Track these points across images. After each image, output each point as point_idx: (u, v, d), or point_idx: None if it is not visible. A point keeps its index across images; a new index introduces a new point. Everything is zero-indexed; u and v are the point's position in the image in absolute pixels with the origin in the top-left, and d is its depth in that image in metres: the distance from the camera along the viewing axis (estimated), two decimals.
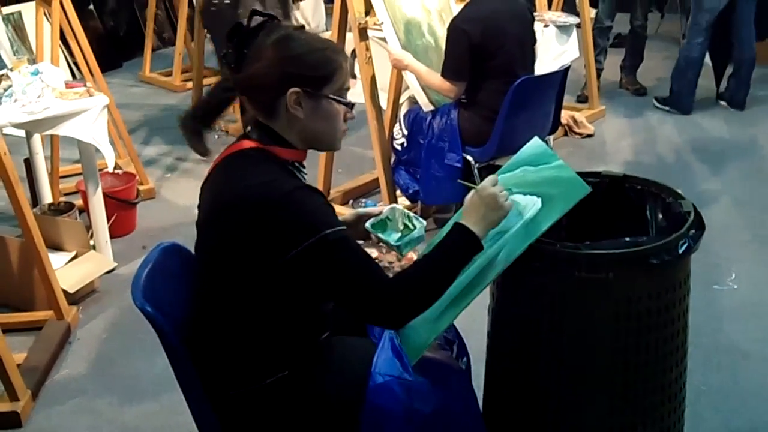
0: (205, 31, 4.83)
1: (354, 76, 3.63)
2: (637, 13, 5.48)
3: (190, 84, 5.75)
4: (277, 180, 1.59)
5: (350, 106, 1.70)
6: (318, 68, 1.64)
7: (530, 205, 1.82)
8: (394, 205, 1.96)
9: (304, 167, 1.74)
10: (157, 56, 6.78)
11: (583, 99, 5.29)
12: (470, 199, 1.73)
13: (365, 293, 1.57)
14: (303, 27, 1.72)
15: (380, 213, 1.90)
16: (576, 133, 4.81)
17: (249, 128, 1.71)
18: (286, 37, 1.64)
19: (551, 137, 3.73)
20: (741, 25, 4.99)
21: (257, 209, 1.56)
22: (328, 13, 3.82)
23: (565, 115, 4.70)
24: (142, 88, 6.29)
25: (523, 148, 2.02)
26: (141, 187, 4.11)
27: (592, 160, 4.50)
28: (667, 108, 5.20)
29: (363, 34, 3.54)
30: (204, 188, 1.74)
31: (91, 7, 6.83)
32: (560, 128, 4.60)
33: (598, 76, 5.29)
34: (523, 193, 1.84)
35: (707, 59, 5.30)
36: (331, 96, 1.65)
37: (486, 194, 1.71)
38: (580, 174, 1.91)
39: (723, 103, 5.28)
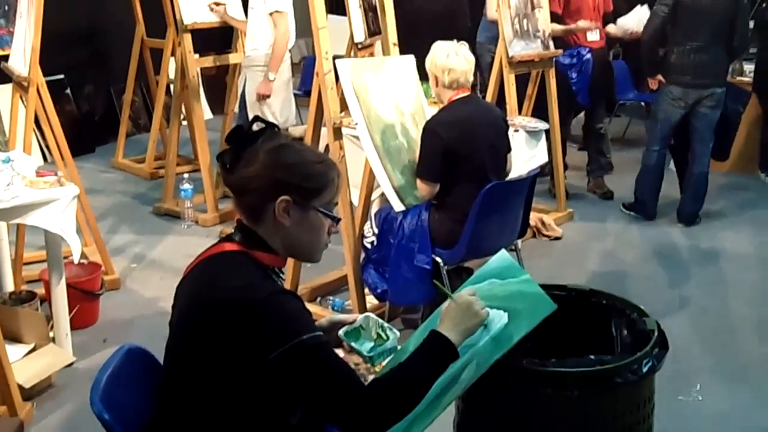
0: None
1: None
2: (597, 114, 5.66)
3: (161, 172, 5.77)
4: (256, 284, 1.60)
5: (336, 221, 1.73)
6: (311, 180, 1.67)
7: (497, 319, 1.84)
8: (368, 313, 1.97)
9: (283, 273, 1.76)
10: (131, 142, 6.83)
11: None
12: (447, 307, 1.76)
13: (341, 399, 1.55)
14: (302, 138, 1.76)
15: (354, 321, 1.91)
16: (544, 236, 4.86)
17: (232, 231, 1.73)
18: (284, 145, 1.68)
19: (519, 241, 3.77)
20: (695, 141, 5.09)
21: (235, 313, 1.55)
22: (304, 106, 3.86)
23: (533, 217, 4.76)
24: (114, 174, 6.29)
25: (491, 261, 2.05)
26: (106, 277, 4.06)
27: (560, 263, 4.55)
28: (632, 213, 5.29)
29: (337, 133, 3.59)
30: (180, 288, 1.72)
31: (68, 91, 6.90)
32: (529, 230, 4.65)
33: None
34: (490, 307, 1.84)
35: (673, 165, 5.45)
36: (320, 209, 1.68)
37: (462, 302, 1.74)
38: (546, 286, 1.94)
39: None
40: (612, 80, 5.87)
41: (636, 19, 5.42)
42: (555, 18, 5.26)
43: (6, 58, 4.44)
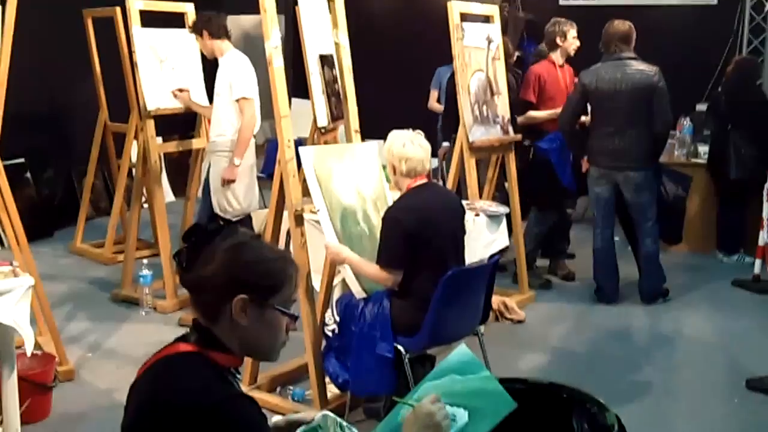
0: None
1: None
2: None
3: (121, 257, 5.70)
4: (211, 388, 1.56)
5: (294, 318, 1.70)
6: (267, 278, 1.65)
7: (457, 417, 1.81)
8: (326, 412, 1.92)
9: (239, 373, 1.72)
10: (92, 226, 6.76)
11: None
12: (407, 418, 1.72)
13: None
14: (259, 236, 1.75)
15: (312, 420, 1.87)
16: (507, 319, 4.86)
17: (187, 331, 1.70)
18: (241, 244, 1.67)
19: (482, 326, 3.76)
20: (634, 224, 5.18)
21: (187, 418, 1.51)
22: (267, 188, 3.87)
23: (496, 300, 4.77)
24: (72, 259, 6.20)
25: (451, 355, 2.03)
26: (60, 368, 3.94)
27: (523, 348, 4.53)
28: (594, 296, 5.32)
29: (299, 219, 3.59)
30: (132, 390, 1.67)
31: (29, 174, 6.84)
32: (491, 313, 4.64)
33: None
34: (450, 404, 1.82)
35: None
36: (277, 307, 1.66)
37: (422, 413, 1.71)
38: (506, 380, 1.93)
39: None
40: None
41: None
42: (530, 106, 5.37)
43: None
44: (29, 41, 5.06)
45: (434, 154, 6.10)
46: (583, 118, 5.31)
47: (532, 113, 5.38)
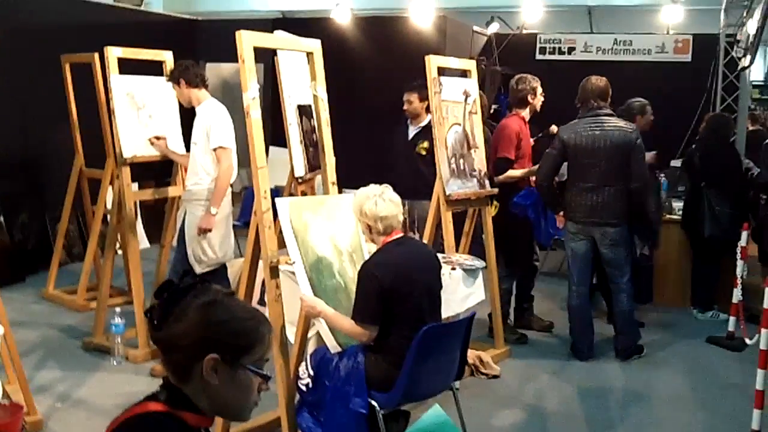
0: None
1: None
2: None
3: (93, 304, 5.62)
4: None
5: (266, 378, 1.68)
6: (239, 337, 1.63)
7: None
8: None
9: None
10: (65, 271, 6.67)
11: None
12: None
13: None
14: (233, 293, 1.73)
15: None
16: (482, 374, 4.83)
17: (157, 389, 1.66)
18: (213, 302, 1.65)
19: (457, 382, 3.73)
20: (611, 278, 5.18)
21: None
22: (243, 236, 3.85)
23: (471, 355, 4.75)
24: (43, 306, 6.10)
25: (425, 416, 2.02)
26: (27, 419, 3.84)
27: (497, 403, 4.50)
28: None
29: (274, 272, 3.57)
30: None
31: (1, 219, 6.76)
32: (467, 368, 4.62)
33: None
34: None
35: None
36: (249, 367, 1.64)
37: None
38: None
39: None
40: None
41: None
42: (509, 164, 5.38)
43: None
44: (6, 85, 5.06)
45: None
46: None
47: (513, 172, 5.33)
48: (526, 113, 5.45)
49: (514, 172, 5.36)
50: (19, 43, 6.12)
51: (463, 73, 5.36)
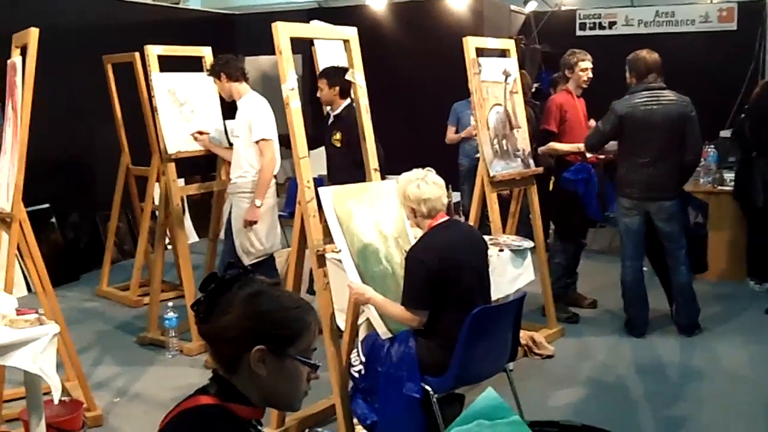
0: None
1: None
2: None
3: (146, 299, 5.71)
4: None
5: (314, 367, 1.67)
6: (285, 327, 1.63)
7: None
8: None
9: (261, 424, 1.69)
10: (117, 268, 6.79)
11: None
12: None
13: None
14: (278, 283, 1.72)
15: None
16: (536, 354, 4.79)
17: (207, 382, 1.67)
18: (258, 293, 1.64)
19: (511, 364, 3.69)
20: (665, 254, 5.10)
21: None
22: (289, 227, 3.86)
23: (524, 336, 4.71)
24: (98, 303, 6.21)
25: (478, 399, 1.99)
26: (88, 414, 3.93)
27: (553, 384, 4.45)
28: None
29: (321, 260, 3.58)
30: None
31: (54, 220, 6.90)
32: (520, 349, 4.59)
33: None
34: None
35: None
36: (296, 356, 1.63)
37: None
38: (537, 423, 1.88)
39: None
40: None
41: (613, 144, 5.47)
42: (551, 137, 5.34)
43: None
44: (51, 87, 5.15)
45: (456, 188, 6.12)
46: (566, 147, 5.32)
47: (554, 144, 5.35)
48: (572, 87, 5.41)
49: (558, 145, 5.32)
50: (63, 44, 6.21)
51: (503, 53, 5.29)
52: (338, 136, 5.05)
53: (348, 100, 4.98)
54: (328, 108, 5.19)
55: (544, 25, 9.10)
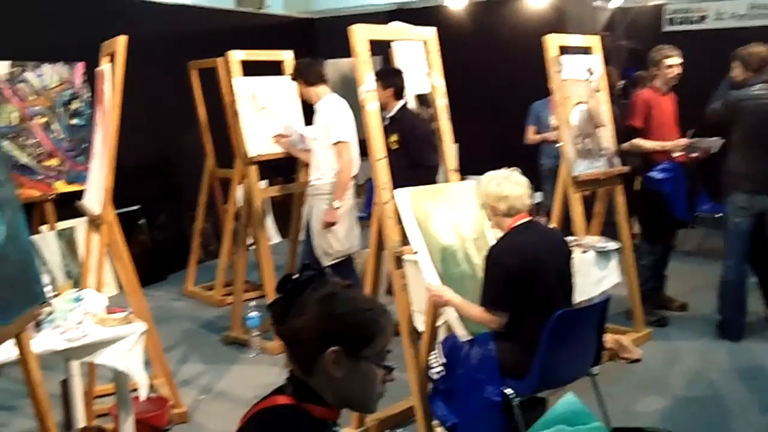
0: None
1: None
2: None
3: (230, 299, 5.83)
4: None
5: (389, 370, 1.66)
6: (360, 329, 1.63)
7: None
8: None
9: (338, 425, 1.70)
10: (202, 268, 6.95)
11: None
12: None
13: None
14: (351, 285, 1.72)
15: None
16: (622, 358, 4.65)
17: (284, 383, 1.68)
18: (332, 294, 1.65)
19: (596, 368, 3.60)
20: None
21: None
22: (368, 227, 3.87)
23: (610, 339, 4.59)
24: (184, 302, 6.38)
25: (558, 404, 1.94)
26: (174, 411, 4.04)
27: (641, 389, 4.31)
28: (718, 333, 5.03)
29: (398, 262, 3.57)
30: None
31: (143, 221, 7.12)
32: (606, 353, 4.48)
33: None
34: None
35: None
36: (371, 358, 1.63)
37: None
38: (623, 429, 1.81)
39: None
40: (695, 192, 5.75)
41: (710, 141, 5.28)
42: (636, 133, 5.20)
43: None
44: (139, 93, 5.30)
45: (538, 188, 6.01)
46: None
47: (639, 141, 5.18)
48: (658, 85, 5.24)
49: (643, 142, 5.15)
50: (149, 51, 6.39)
51: (586, 50, 5.17)
52: (394, 137, 4.97)
53: (402, 102, 5.00)
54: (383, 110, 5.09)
55: (629, 21, 8.85)
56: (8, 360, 2.90)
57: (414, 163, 4.74)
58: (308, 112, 5.40)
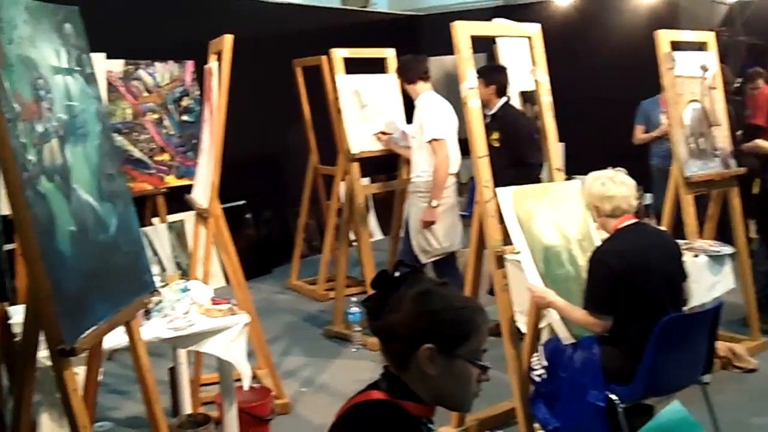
0: None
1: None
2: None
3: (332, 293, 5.89)
4: None
5: (484, 369, 1.64)
6: (455, 327, 1.61)
7: None
8: None
9: (432, 423, 1.68)
10: (306, 263, 7.06)
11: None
12: None
13: None
14: (446, 283, 1.71)
15: None
16: (736, 368, 4.44)
17: (379, 378, 1.69)
18: (427, 291, 1.64)
19: (707, 376, 3.44)
20: None
21: None
22: (470, 225, 3.83)
23: (723, 347, 4.40)
24: (287, 296, 6.50)
25: (663, 412, 1.86)
26: (277, 401, 4.11)
27: (755, 400, 4.11)
28: None
29: (500, 261, 3.52)
30: None
31: (249, 215, 7.29)
32: (718, 361, 4.30)
33: None
34: None
35: None
36: (466, 357, 1.61)
37: None
38: None
39: None
40: None
41: None
42: (758, 132, 4.95)
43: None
44: (245, 90, 5.43)
45: (648, 190, 5.81)
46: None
47: (760, 142, 4.90)
48: None
49: (763, 143, 4.88)
50: (255, 49, 6.54)
51: (700, 46, 4.95)
52: (496, 135, 4.83)
53: (504, 99, 4.90)
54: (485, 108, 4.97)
55: (749, 16, 8.43)
56: (119, 346, 3.02)
57: (516, 161, 4.65)
58: (410, 109, 5.41)
